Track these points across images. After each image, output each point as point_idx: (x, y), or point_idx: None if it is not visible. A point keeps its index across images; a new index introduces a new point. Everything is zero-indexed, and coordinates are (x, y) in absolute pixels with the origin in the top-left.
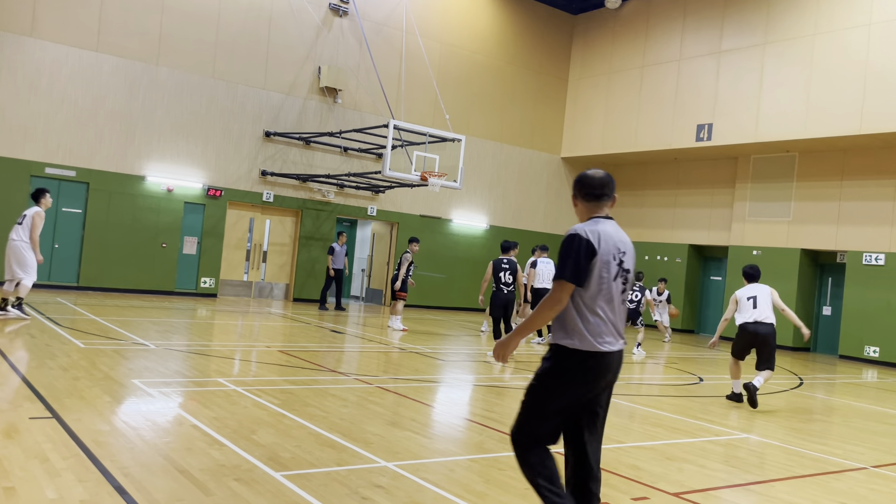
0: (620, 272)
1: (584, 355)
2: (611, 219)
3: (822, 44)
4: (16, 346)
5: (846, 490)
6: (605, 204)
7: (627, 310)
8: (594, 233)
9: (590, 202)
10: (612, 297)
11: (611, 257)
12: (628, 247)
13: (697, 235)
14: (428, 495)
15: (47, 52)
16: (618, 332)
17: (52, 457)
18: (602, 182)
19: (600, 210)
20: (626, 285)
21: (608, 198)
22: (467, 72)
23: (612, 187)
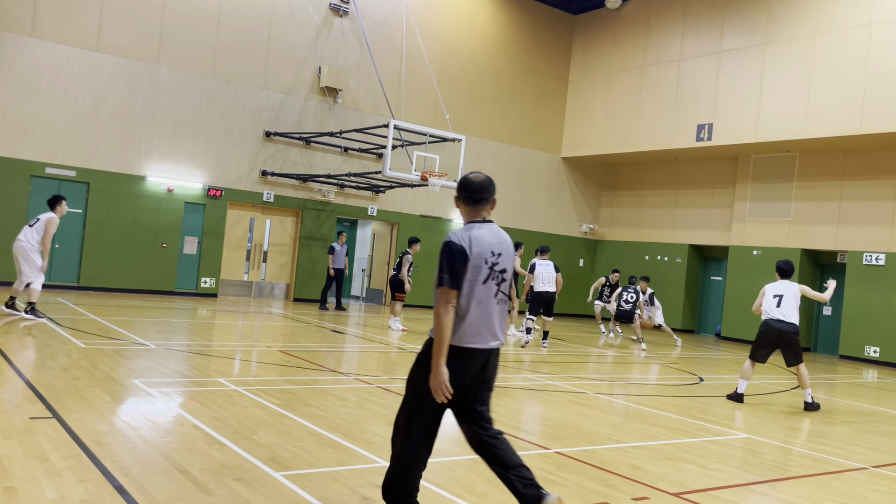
0: (493, 274)
1: (454, 350)
2: (489, 222)
3: (822, 44)
4: (16, 346)
5: (846, 490)
6: (484, 207)
7: (621, 310)
8: (466, 238)
9: (470, 205)
10: (483, 298)
11: (482, 261)
12: (505, 248)
13: (698, 235)
14: (428, 495)
15: (48, 52)
16: (490, 332)
17: (53, 457)
18: (481, 186)
19: (479, 213)
20: (500, 286)
21: (486, 201)
22: (468, 72)
23: (492, 191)
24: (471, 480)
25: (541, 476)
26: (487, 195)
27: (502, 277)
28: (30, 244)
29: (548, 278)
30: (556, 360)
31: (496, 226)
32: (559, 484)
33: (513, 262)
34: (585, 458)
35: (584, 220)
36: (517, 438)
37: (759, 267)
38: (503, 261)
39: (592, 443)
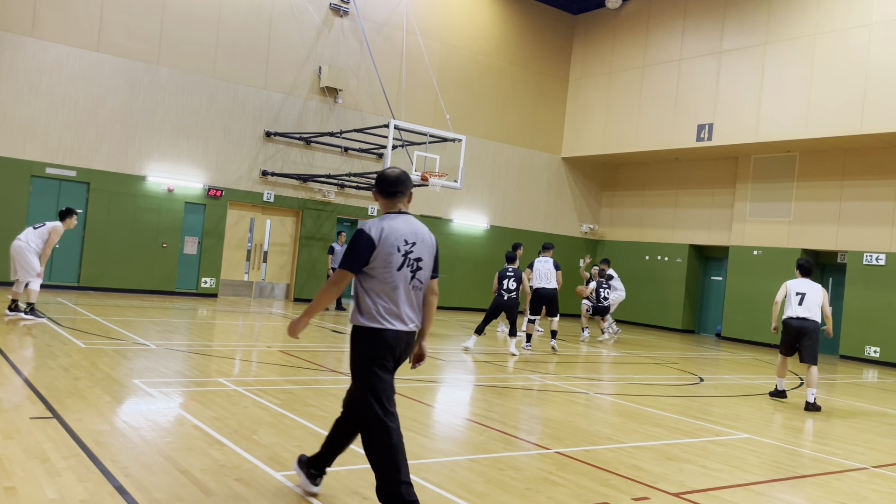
0: (408, 262)
1: (370, 331)
2: (405, 213)
3: (822, 44)
4: (17, 346)
5: (847, 490)
6: (400, 200)
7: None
8: (378, 228)
9: (386, 198)
10: (397, 285)
11: (394, 249)
12: (421, 238)
13: (698, 235)
14: (428, 495)
15: (48, 52)
16: (403, 315)
17: (53, 457)
18: (396, 180)
19: (395, 205)
20: (416, 273)
21: (402, 194)
22: (468, 72)
23: (408, 185)
24: (471, 480)
25: (541, 476)
26: (403, 188)
27: (418, 266)
28: (28, 246)
29: (546, 275)
30: (556, 360)
31: (413, 218)
32: (559, 484)
33: (431, 252)
34: (586, 458)
35: (585, 220)
36: (517, 438)
37: (759, 267)
38: (418, 250)
39: (593, 443)
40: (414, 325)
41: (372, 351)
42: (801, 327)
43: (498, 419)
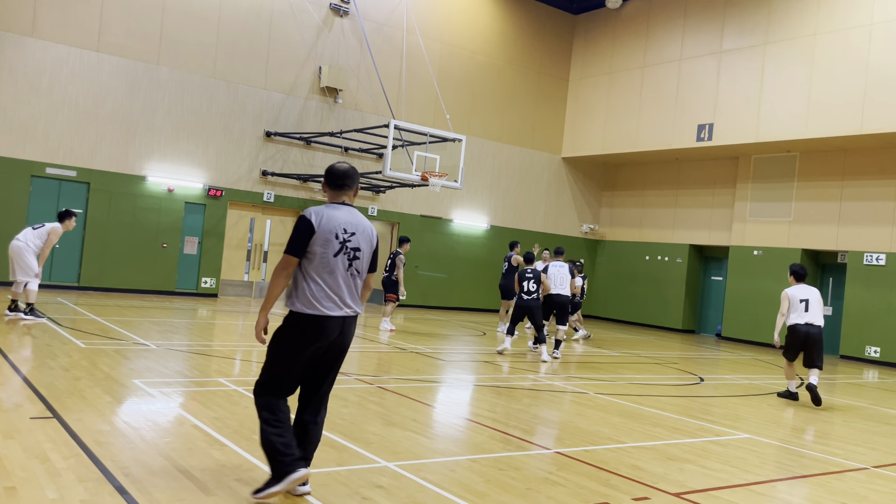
0: (345, 249)
1: (307, 317)
2: (347, 205)
3: (823, 44)
4: (17, 346)
5: (847, 490)
6: (346, 193)
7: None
8: (318, 215)
9: (333, 190)
10: (334, 269)
11: (332, 236)
12: (361, 229)
13: (698, 235)
14: (428, 495)
15: (48, 52)
16: (339, 301)
17: (53, 457)
18: (344, 174)
19: (339, 197)
20: (353, 262)
21: (348, 188)
22: (468, 72)
23: (354, 179)
24: (471, 480)
25: (541, 476)
26: (349, 182)
27: (355, 255)
28: (26, 246)
29: (560, 281)
30: (556, 361)
31: (356, 210)
32: (559, 484)
33: (370, 245)
34: (586, 458)
35: (585, 220)
36: (517, 438)
37: (759, 267)
38: (356, 240)
39: (593, 443)
40: (351, 311)
41: (302, 338)
42: (809, 333)
43: (498, 419)
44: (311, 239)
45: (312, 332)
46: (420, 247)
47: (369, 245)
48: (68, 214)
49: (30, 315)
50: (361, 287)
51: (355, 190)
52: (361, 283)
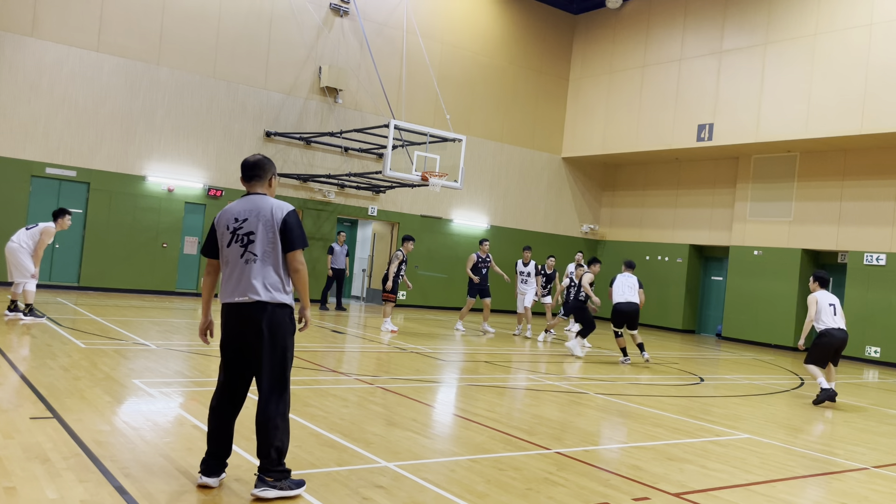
0: (237, 237)
1: (222, 306)
2: (252, 194)
3: (823, 44)
4: (17, 346)
5: (847, 490)
6: (257, 184)
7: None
8: (219, 214)
9: (243, 182)
10: (228, 260)
11: (224, 228)
12: (255, 213)
13: (698, 235)
14: (429, 495)
15: (48, 51)
16: (239, 288)
17: (53, 457)
18: (250, 165)
19: (251, 188)
20: (247, 247)
21: (259, 178)
22: (468, 72)
23: (263, 169)
24: (471, 480)
25: (541, 476)
26: (259, 172)
27: (248, 239)
28: (20, 247)
29: (629, 290)
30: (556, 360)
31: (260, 197)
32: (559, 484)
33: (268, 225)
34: (586, 458)
35: (585, 220)
36: (517, 438)
37: (759, 267)
38: (248, 224)
39: (593, 443)
40: (246, 298)
41: (223, 321)
42: (843, 338)
43: (498, 419)
44: (215, 237)
45: (223, 319)
46: (420, 247)
47: (266, 225)
48: (62, 213)
49: (29, 315)
50: (271, 269)
51: (269, 179)
52: (271, 265)
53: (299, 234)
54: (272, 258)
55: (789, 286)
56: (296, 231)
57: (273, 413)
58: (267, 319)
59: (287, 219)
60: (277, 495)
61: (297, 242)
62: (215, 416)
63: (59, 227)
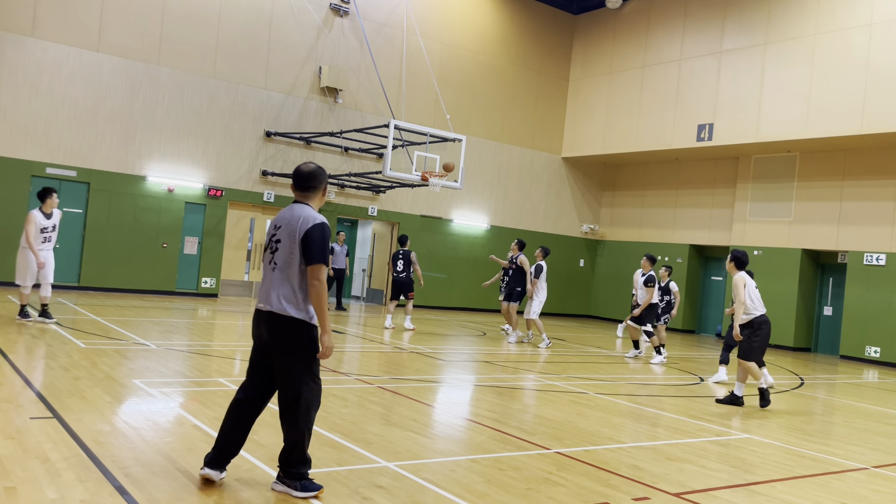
0: (270, 244)
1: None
2: (298, 203)
3: (823, 44)
4: (17, 346)
5: (847, 490)
6: (305, 194)
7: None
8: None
9: (294, 190)
10: (263, 266)
11: (267, 237)
12: (286, 222)
13: (698, 235)
14: (429, 495)
15: (48, 52)
16: (260, 294)
17: (53, 457)
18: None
19: (299, 197)
20: (273, 254)
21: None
22: (468, 72)
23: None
24: (471, 480)
25: (541, 476)
26: (314, 184)
27: (276, 247)
28: (21, 246)
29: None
30: (556, 360)
31: (302, 207)
32: (559, 484)
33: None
34: (586, 458)
35: (585, 220)
36: (517, 438)
37: (759, 267)
38: (280, 233)
39: (593, 443)
40: (268, 306)
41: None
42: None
43: (498, 419)
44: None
45: (252, 321)
46: (420, 247)
47: (291, 236)
48: (45, 192)
49: (21, 316)
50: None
51: (322, 191)
52: (286, 276)
53: (319, 249)
54: (290, 270)
55: (789, 286)
56: (315, 245)
57: (287, 423)
58: (278, 332)
59: (309, 231)
60: (283, 490)
61: (314, 257)
62: (232, 410)
63: (46, 208)
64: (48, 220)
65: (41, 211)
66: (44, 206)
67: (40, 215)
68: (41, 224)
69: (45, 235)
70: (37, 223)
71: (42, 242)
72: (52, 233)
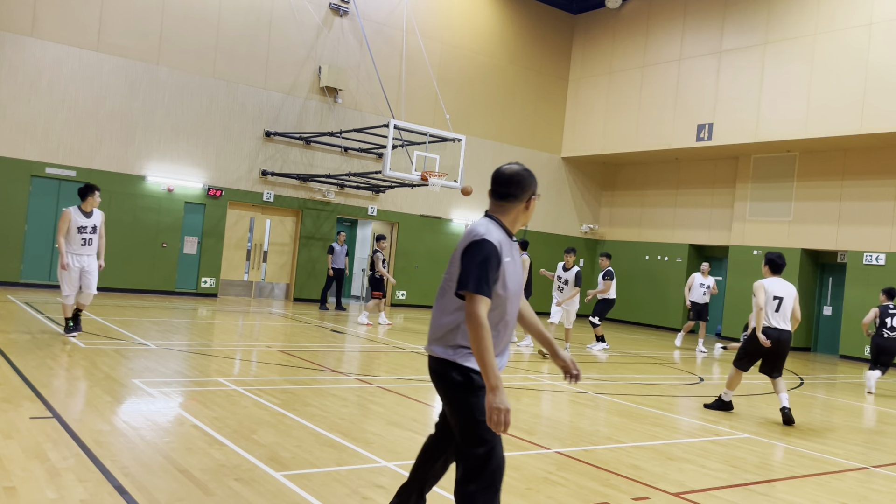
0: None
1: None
2: (487, 216)
3: (822, 43)
4: (16, 346)
5: (847, 490)
6: (502, 204)
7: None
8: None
9: (491, 197)
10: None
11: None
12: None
13: (698, 235)
14: (429, 495)
15: (48, 51)
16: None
17: (53, 457)
18: (503, 179)
19: (494, 209)
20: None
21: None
22: (468, 72)
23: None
24: None
25: (541, 476)
26: (515, 191)
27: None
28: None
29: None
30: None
31: (487, 220)
32: (559, 484)
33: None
34: (586, 458)
35: (585, 219)
36: (517, 438)
37: (759, 267)
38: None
39: (592, 443)
40: (427, 348)
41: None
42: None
43: None
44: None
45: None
46: (420, 247)
47: (456, 253)
48: (89, 190)
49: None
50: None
51: (527, 201)
52: (440, 306)
53: (471, 271)
54: (445, 296)
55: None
56: (467, 266)
57: (459, 481)
58: (434, 371)
59: (467, 247)
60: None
61: (464, 281)
62: (423, 446)
63: (88, 206)
64: (87, 220)
65: (80, 209)
66: (83, 203)
67: (77, 212)
68: (78, 222)
69: (84, 237)
70: (72, 220)
71: (80, 245)
72: (91, 234)
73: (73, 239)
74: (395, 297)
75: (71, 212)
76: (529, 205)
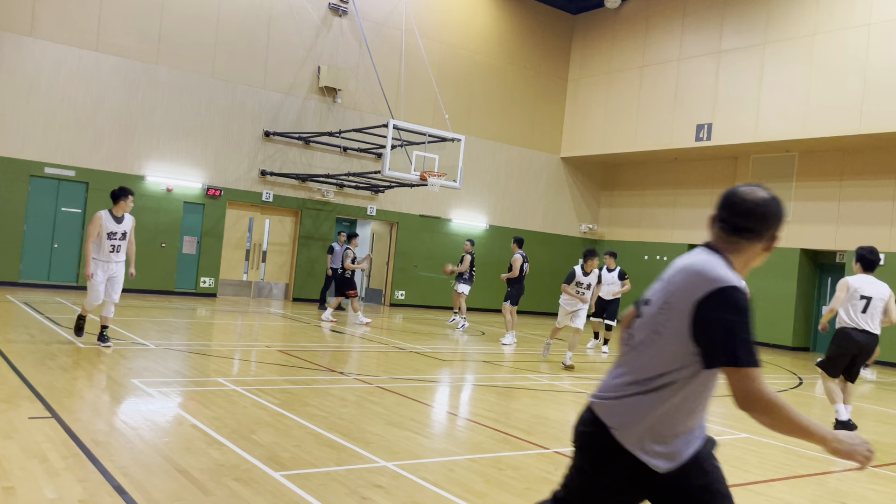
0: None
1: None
2: (706, 246)
3: (821, 43)
4: (15, 346)
5: (846, 490)
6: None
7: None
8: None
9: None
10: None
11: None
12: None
13: (697, 235)
14: (427, 495)
15: (47, 51)
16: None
17: (52, 457)
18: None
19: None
20: (632, 323)
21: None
22: (467, 72)
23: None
24: (470, 480)
25: (540, 476)
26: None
27: (642, 309)
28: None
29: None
30: (555, 360)
31: (710, 255)
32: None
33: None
34: None
35: (584, 219)
36: (517, 438)
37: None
38: (655, 287)
39: None
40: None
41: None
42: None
43: (498, 419)
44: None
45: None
46: (419, 247)
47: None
48: (123, 193)
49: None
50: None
51: (768, 238)
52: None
53: (735, 334)
54: (650, 355)
55: (787, 286)
56: (728, 327)
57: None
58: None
59: (711, 297)
60: None
61: (731, 352)
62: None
63: (119, 210)
64: (118, 225)
65: (111, 213)
66: (115, 207)
67: (108, 217)
68: (108, 228)
69: (114, 243)
70: (102, 225)
71: (109, 252)
72: (121, 241)
73: (103, 245)
74: (394, 297)
75: (102, 216)
76: (771, 246)
